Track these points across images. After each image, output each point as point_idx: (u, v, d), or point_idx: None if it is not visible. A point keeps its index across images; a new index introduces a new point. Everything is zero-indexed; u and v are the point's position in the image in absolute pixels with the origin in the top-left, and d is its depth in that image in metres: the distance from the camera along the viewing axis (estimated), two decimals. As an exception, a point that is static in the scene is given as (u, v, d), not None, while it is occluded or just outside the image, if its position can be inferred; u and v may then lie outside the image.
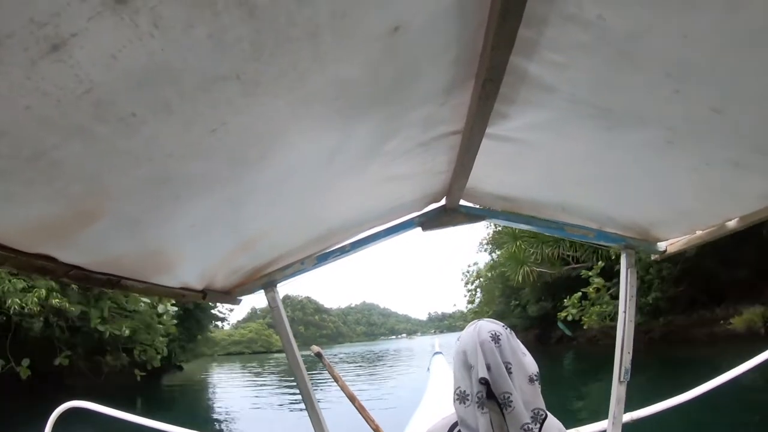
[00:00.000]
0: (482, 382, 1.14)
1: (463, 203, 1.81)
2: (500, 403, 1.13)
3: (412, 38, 0.82)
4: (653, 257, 2.00)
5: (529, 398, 1.15)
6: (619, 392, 1.94)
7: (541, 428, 1.14)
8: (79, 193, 0.76)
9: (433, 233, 1.91)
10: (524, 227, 1.96)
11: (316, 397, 1.88)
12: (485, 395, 1.15)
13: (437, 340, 13.34)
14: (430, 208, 1.87)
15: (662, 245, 1.90)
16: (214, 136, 0.79)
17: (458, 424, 1.21)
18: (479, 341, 1.18)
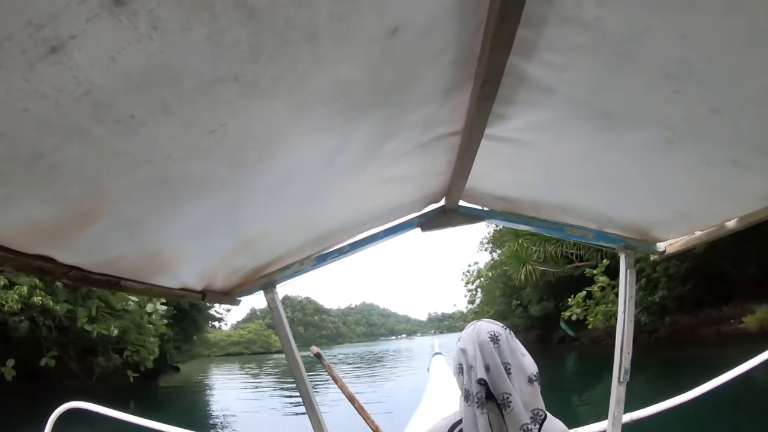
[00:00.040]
0: (481, 382, 1.15)
1: (462, 204, 1.81)
2: (499, 403, 1.13)
3: (410, 39, 0.82)
4: (652, 258, 2.00)
5: (528, 399, 1.15)
6: (618, 392, 1.94)
7: (540, 428, 1.14)
8: (78, 194, 0.76)
9: (432, 234, 1.90)
10: (523, 228, 1.96)
11: (315, 397, 1.88)
12: (484, 396, 1.15)
13: (437, 340, 13.32)
14: (429, 208, 1.87)
15: (661, 246, 1.90)
16: (212, 137, 0.79)
17: (460, 423, 1.22)
18: (478, 342, 1.18)
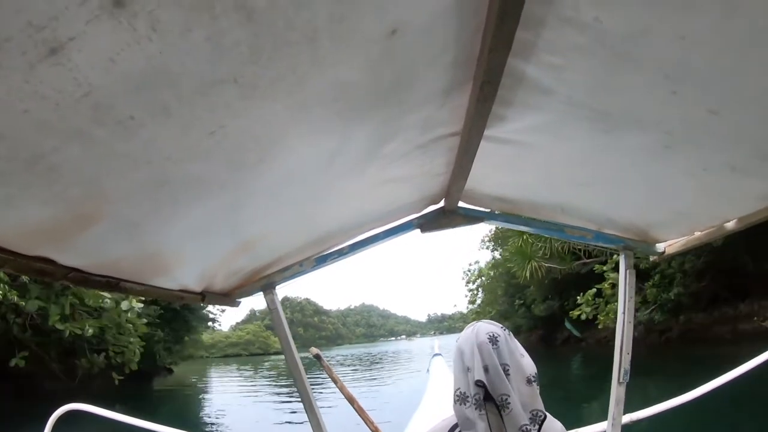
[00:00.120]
0: (479, 384, 1.14)
1: (461, 205, 1.81)
2: (498, 404, 1.13)
3: (409, 41, 0.82)
4: (652, 258, 2.00)
5: (527, 399, 1.15)
6: (618, 393, 1.94)
7: (539, 429, 1.14)
8: (77, 196, 0.76)
9: (431, 235, 1.91)
10: (523, 229, 1.96)
11: (315, 398, 1.88)
12: (483, 397, 1.15)
13: (437, 341, 13.30)
14: (428, 209, 1.86)
15: (661, 246, 1.90)
16: (212, 139, 0.79)
17: (458, 425, 1.21)
18: (477, 343, 1.18)
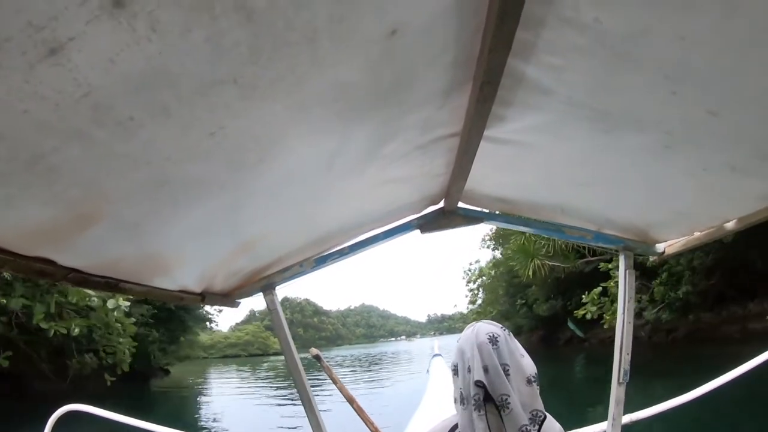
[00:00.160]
0: (479, 384, 1.14)
1: (461, 205, 1.81)
2: (498, 405, 1.13)
3: (409, 41, 0.82)
4: (651, 259, 2.00)
5: (527, 400, 1.15)
6: (618, 393, 1.94)
7: (539, 430, 1.14)
8: (77, 196, 0.76)
9: (431, 235, 1.91)
10: (523, 229, 1.95)
11: (314, 399, 1.88)
12: (483, 397, 1.15)
13: (436, 342, 13.30)
14: (428, 210, 1.86)
15: (660, 247, 1.90)
16: (212, 139, 0.79)
17: (458, 426, 1.21)
18: (477, 343, 1.18)
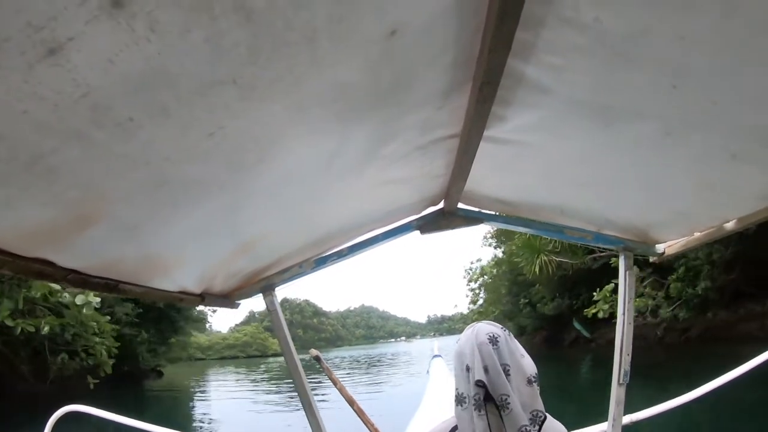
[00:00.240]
0: (479, 384, 1.14)
1: (461, 206, 1.81)
2: (498, 405, 1.13)
3: (409, 41, 0.82)
4: (651, 259, 2.00)
5: (527, 400, 1.15)
6: (618, 394, 1.94)
7: (539, 430, 1.14)
8: (76, 197, 0.76)
9: (431, 236, 1.91)
10: (522, 230, 1.95)
11: (314, 400, 1.88)
12: (483, 398, 1.14)
13: (436, 343, 13.30)
14: (428, 211, 1.86)
15: (660, 247, 1.90)
16: (211, 140, 0.79)
17: (458, 427, 1.21)
18: (477, 343, 1.18)
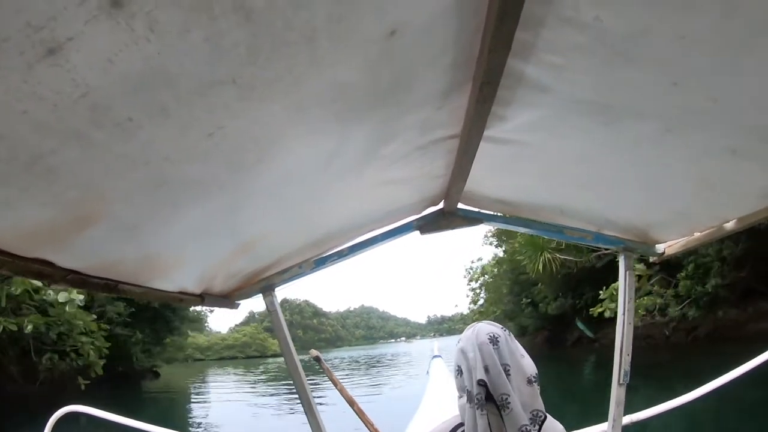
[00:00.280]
0: (480, 383, 1.15)
1: (461, 206, 1.81)
2: (498, 404, 1.13)
3: (409, 41, 0.82)
4: (651, 259, 2.00)
5: (527, 399, 1.15)
6: (618, 394, 1.94)
7: (540, 430, 1.14)
8: (76, 197, 0.76)
9: (431, 236, 1.91)
10: (522, 230, 1.96)
11: (314, 400, 1.87)
12: (484, 397, 1.15)
13: (436, 343, 13.28)
14: (428, 211, 1.86)
15: (660, 247, 1.91)
16: (210, 140, 0.79)
17: (461, 426, 1.22)
18: (477, 343, 1.18)
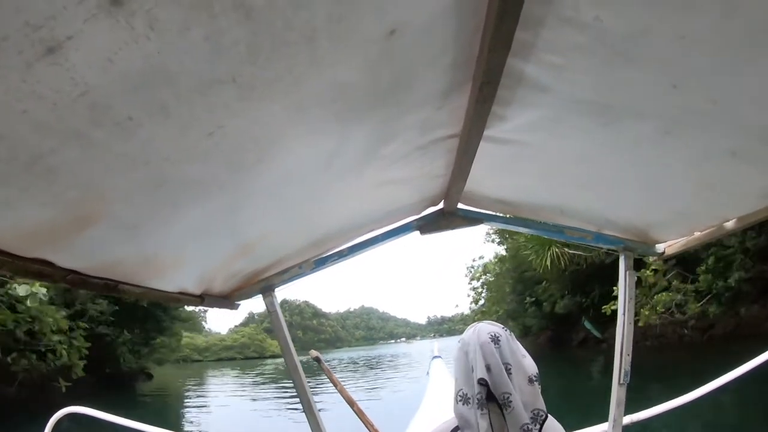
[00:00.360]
0: (482, 383, 1.15)
1: (461, 206, 1.81)
2: (500, 403, 1.13)
3: (408, 41, 0.82)
4: (652, 259, 2.00)
5: (528, 399, 1.15)
6: (619, 394, 1.94)
7: (541, 429, 1.14)
8: (75, 197, 0.76)
9: (431, 237, 1.90)
10: (522, 230, 1.96)
11: (314, 401, 1.87)
12: (485, 396, 1.15)
13: (436, 344, 13.26)
14: (428, 211, 1.86)
15: (660, 247, 1.90)
16: (210, 139, 0.79)
17: (459, 427, 1.21)
18: (479, 343, 1.19)
